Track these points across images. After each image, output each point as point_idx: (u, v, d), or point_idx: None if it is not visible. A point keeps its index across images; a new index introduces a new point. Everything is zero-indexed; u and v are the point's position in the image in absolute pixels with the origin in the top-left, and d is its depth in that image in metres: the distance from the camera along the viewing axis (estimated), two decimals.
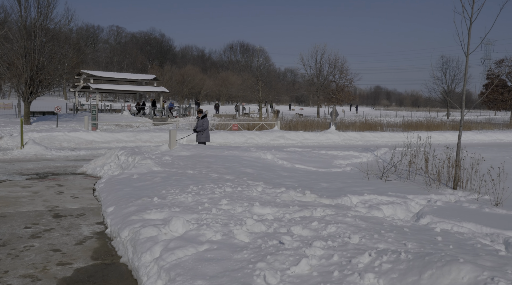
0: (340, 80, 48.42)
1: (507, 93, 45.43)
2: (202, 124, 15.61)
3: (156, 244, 5.12)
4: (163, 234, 5.45)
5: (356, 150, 16.28)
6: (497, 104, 46.28)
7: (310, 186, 9.48)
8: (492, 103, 46.68)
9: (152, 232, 5.47)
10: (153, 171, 10.29)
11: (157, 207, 6.76)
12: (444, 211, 7.65)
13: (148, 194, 7.79)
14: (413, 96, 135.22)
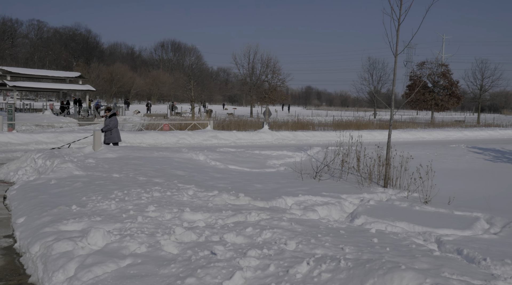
0: (273, 80, 48.77)
1: (428, 93, 48.03)
2: (108, 123, 14.41)
3: (70, 261, 4.50)
4: (79, 248, 4.83)
5: (290, 150, 16.21)
6: (419, 104, 48.78)
7: (244, 188, 9.14)
8: (415, 103, 49.13)
9: (67, 247, 4.83)
10: (74, 176, 9.45)
11: (75, 216, 6.08)
12: (377, 211, 7.62)
13: (66, 202, 7.04)
14: (342, 96, 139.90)
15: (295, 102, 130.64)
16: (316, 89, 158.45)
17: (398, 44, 10.65)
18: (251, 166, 12.90)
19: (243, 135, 24.10)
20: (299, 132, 26.91)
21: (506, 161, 17.12)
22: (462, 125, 43.28)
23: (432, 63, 49.02)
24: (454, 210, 7.92)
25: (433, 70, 48.39)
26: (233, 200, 7.48)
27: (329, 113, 66.97)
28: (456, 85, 47.57)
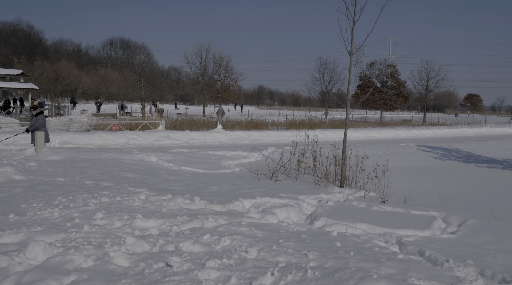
0: (225, 79, 48.34)
1: (377, 93, 49.27)
2: (34, 122, 13.42)
3: (4, 280, 3.98)
4: (16, 263, 4.30)
5: (245, 150, 15.93)
6: (369, 104, 49.96)
7: (199, 191, 8.76)
8: (365, 103, 50.27)
9: (1, 262, 4.29)
10: (13, 180, 8.71)
11: (12, 226, 5.49)
12: (336, 212, 7.47)
13: (2, 210, 6.39)
14: (294, 96, 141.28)
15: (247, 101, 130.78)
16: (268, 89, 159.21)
17: (353, 43, 10.62)
18: (205, 167, 12.51)
19: (196, 135, 23.58)
20: (253, 132, 26.70)
21: (454, 159, 17.67)
22: (409, 124, 44.65)
23: (381, 63, 50.38)
24: (411, 209, 7.92)
25: (382, 71, 49.70)
26: (188, 204, 7.09)
27: (282, 112, 67.35)
28: (403, 85, 49.09)
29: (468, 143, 24.12)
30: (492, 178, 13.06)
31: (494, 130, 40.21)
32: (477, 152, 20.21)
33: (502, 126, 44.08)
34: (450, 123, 48.01)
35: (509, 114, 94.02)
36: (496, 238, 6.03)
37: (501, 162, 17.17)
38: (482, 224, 6.87)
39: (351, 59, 10.78)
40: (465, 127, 40.28)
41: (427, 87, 53.48)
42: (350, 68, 10.85)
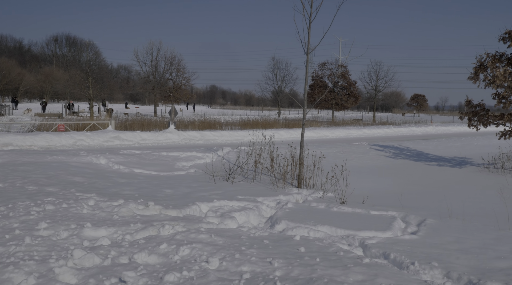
0: (177, 78, 47.45)
1: (329, 93, 50.00)
2: None
3: None
4: None
5: (199, 151, 15.52)
6: (321, 103, 50.60)
7: (153, 195, 8.32)
8: (318, 102, 50.91)
9: None
10: None
11: None
12: (296, 214, 7.28)
13: None
14: (246, 95, 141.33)
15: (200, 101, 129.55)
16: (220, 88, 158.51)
17: (309, 42, 10.50)
18: (158, 169, 12.02)
19: (147, 135, 22.85)
20: (207, 132, 26.25)
21: (405, 157, 18.06)
22: (360, 123, 45.61)
23: (332, 64, 51.17)
24: (370, 209, 7.85)
25: (333, 71, 50.50)
26: (142, 210, 6.66)
27: (235, 112, 67.11)
28: (354, 86, 50.11)
29: (417, 142, 24.83)
30: (443, 176, 13.39)
31: (440, 129, 41.80)
32: (426, 150, 20.81)
33: (447, 125, 45.94)
34: (398, 122, 49.50)
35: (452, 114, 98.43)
36: (456, 238, 6.02)
37: (449, 160, 17.73)
38: (441, 224, 6.88)
39: (308, 59, 10.65)
40: (413, 126, 41.62)
41: (377, 87, 54.89)
42: (307, 67, 10.72)
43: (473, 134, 33.95)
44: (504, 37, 14.81)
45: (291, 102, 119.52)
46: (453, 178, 13.03)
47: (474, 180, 12.71)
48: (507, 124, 15.10)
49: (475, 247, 5.57)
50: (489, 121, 15.42)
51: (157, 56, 50.47)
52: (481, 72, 14.96)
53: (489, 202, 9.26)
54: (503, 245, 5.70)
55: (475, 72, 15.11)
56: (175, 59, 48.38)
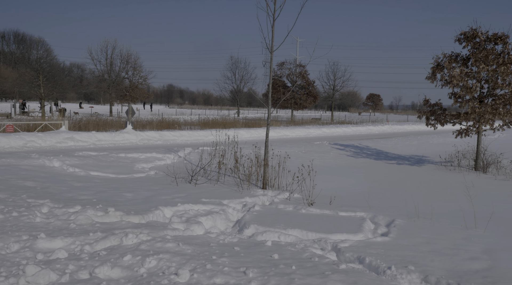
0: (134, 77, 46.21)
1: (288, 93, 50.19)
2: None
3: None
4: None
5: (159, 152, 15.00)
6: (280, 103, 50.72)
7: (112, 199, 7.86)
8: (276, 102, 50.96)
9: None
10: None
11: None
12: (264, 217, 7.03)
13: None
14: (204, 95, 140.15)
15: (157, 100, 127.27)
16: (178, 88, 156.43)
17: (273, 40, 10.29)
18: (117, 172, 11.48)
19: (104, 136, 22.00)
20: (166, 132, 25.61)
21: (365, 156, 18.22)
22: (319, 122, 46.04)
23: (291, 63, 51.37)
24: (338, 211, 7.72)
25: (292, 70, 50.72)
26: (101, 216, 6.21)
27: (194, 111, 66.30)
28: (312, 85, 50.51)
29: (376, 140, 25.22)
30: (404, 175, 13.52)
31: (396, 128, 42.84)
32: (385, 149, 21.13)
33: (402, 124, 47.16)
34: (356, 121, 50.35)
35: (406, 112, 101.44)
36: (426, 239, 5.96)
37: (408, 158, 18.03)
38: (410, 224, 6.83)
39: (272, 57, 10.43)
40: (370, 125, 42.42)
41: (334, 87, 55.63)
42: (271, 65, 10.51)
43: (428, 133, 34.96)
44: (460, 38, 15.15)
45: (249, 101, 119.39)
46: (414, 176, 13.19)
47: (434, 178, 12.91)
48: (463, 123, 15.48)
49: (447, 248, 5.51)
50: (446, 120, 15.75)
51: (113, 54, 49.09)
52: (438, 72, 15.25)
53: (453, 200, 9.37)
54: (473, 245, 5.68)
55: (433, 72, 15.39)
56: (131, 57, 47.16)
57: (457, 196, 9.80)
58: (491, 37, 14.53)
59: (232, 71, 62.05)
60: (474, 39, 14.66)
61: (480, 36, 14.49)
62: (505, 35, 14.40)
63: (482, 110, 14.22)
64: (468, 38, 14.83)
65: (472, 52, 14.65)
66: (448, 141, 26.92)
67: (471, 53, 14.67)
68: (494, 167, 14.48)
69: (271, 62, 10.52)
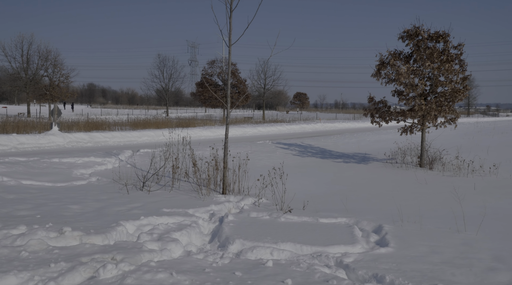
0: (55, 75, 42.95)
1: (220, 91, 49.39)
2: None
3: None
4: None
5: (98, 155, 13.60)
6: (211, 102, 49.73)
7: (58, 214, 6.67)
8: (207, 100, 49.91)
9: None
10: None
11: None
12: (244, 229, 6.25)
13: None
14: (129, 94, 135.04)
15: (77, 100, 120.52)
16: (100, 87, 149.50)
17: (231, 33, 9.50)
18: (53, 180, 10.10)
19: (26, 138, 19.87)
20: (96, 133, 23.75)
21: (311, 155, 17.96)
22: (252, 121, 45.78)
23: (221, 61, 50.52)
24: (318, 217, 7.12)
25: (223, 69, 49.90)
26: (56, 239, 5.09)
27: (120, 111, 63.39)
28: (244, 84, 50.08)
29: (317, 139, 25.21)
30: (355, 173, 13.24)
31: (327, 126, 43.59)
32: (328, 147, 21.07)
33: (333, 122, 48.14)
34: (288, 120, 50.72)
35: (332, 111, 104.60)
36: (429, 247, 5.51)
37: (352, 156, 18.01)
38: (400, 230, 6.39)
39: (230, 51, 9.64)
40: (303, 124, 42.80)
41: (265, 86, 55.67)
42: (229, 61, 9.71)
43: (362, 130, 35.86)
44: (403, 35, 15.28)
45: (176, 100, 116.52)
46: (366, 175, 12.98)
47: (385, 176, 12.77)
48: (407, 120, 15.65)
49: (457, 258, 5.09)
50: (391, 118, 15.84)
51: (29, 51, 45.33)
52: (382, 69, 15.28)
53: (419, 200, 9.15)
54: (479, 252, 5.32)
55: (378, 69, 15.40)
56: (51, 53, 43.80)
57: (420, 195, 9.64)
58: (433, 35, 14.78)
59: (160, 69, 60.10)
60: (417, 37, 14.83)
61: (422, 34, 14.68)
62: (446, 34, 14.70)
63: (428, 107, 14.41)
64: (411, 36, 14.98)
65: (415, 50, 14.83)
66: (383, 138, 27.63)
67: (415, 51, 14.84)
68: (439, 163, 14.75)
69: (229, 57, 9.72)
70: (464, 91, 14.69)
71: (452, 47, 14.75)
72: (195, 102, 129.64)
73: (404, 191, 10.32)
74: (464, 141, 23.55)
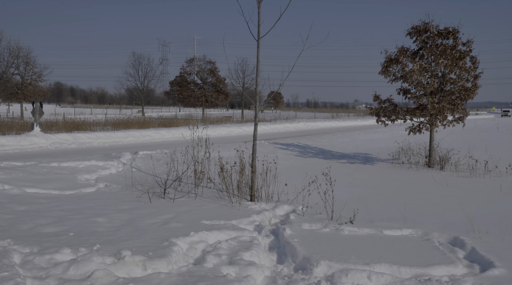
0: (27, 73, 40.87)
1: (198, 90, 48.28)
2: None
3: None
4: None
5: (99, 159, 12.52)
6: (190, 101, 48.53)
7: (91, 230, 5.76)
8: (186, 99, 48.68)
9: None
10: None
11: None
12: (315, 246, 5.44)
13: None
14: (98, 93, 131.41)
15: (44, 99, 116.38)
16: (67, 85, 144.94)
17: (260, 24, 8.71)
18: (59, 187, 9.07)
19: (7, 140, 18.45)
20: (79, 134, 22.39)
21: (312, 155, 17.32)
22: (233, 120, 44.91)
23: (200, 60, 49.43)
24: (382, 229, 6.38)
25: (201, 67, 48.82)
26: (116, 265, 4.20)
27: (93, 111, 61.28)
28: (223, 82, 49.10)
29: (310, 138, 24.63)
30: (368, 175, 12.58)
31: (310, 125, 43.13)
32: (326, 147, 20.50)
33: (315, 121, 47.72)
34: (270, 119, 50.08)
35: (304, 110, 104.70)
36: None
37: (354, 156, 17.46)
38: (487, 244, 5.69)
39: (259, 44, 8.85)
40: (286, 123, 42.22)
41: (244, 84, 54.85)
42: (258, 53, 8.90)
43: (350, 129, 35.59)
44: (411, 32, 14.83)
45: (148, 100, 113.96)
46: (379, 176, 12.29)
47: (399, 177, 12.08)
48: (414, 119, 15.23)
49: None
50: (398, 117, 15.38)
51: None
52: (390, 67, 14.80)
53: (456, 204, 8.59)
54: None
55: (386, 66, 14.91)
56: (22, 51, 41.68)
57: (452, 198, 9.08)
58: (443, 31, 14.37)
59: (135, 67, 58.32)
60: (426, 33, 14.41)
61: (431, 30, 14.27)
62: (456, 30, 14.32)
63: (441, 105, 13.99)
64: (419, 32, 14.55)
65: (422, 46, 14.43)
66: (374, 137, 27.33)
67: (423, 47, 14.43)
68: (449, 163, 14.34)
69: (258, 51, 8.92)
70: (475, 90, 14.36)
71: (461, 44, 14.37)
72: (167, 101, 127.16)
73: (430, 194, 9.70)
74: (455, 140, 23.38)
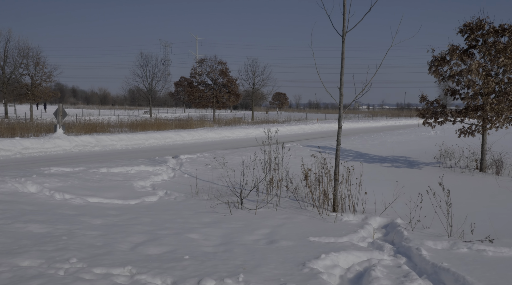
0: (37, 74, 39.95)
1: (209, 91, 47.41)
2: None
3: None
4: None
5: (146, 164, 11.70)
6: (201, 102, 47.67)
7: (196, 251, 4.99)
8: (197, 100, 47.81)
9: None
10: None
11: None
12: (481, 273, 4.70)
13: None
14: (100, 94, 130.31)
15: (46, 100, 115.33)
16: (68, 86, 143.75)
17: (346, 19, 7.94)
18: (120, 196, 8.27)
19: (31, 143, 17.60)
20: (102, 136, 21.53)
21: (351, 159, 16.53)
22: (245, 122, 44.10)
23: (211, 60, 48.57)
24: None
25: (212, 68, 47.98)
26: None
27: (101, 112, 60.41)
28: (234, 83, 48.25)
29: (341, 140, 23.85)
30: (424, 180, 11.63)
31: (325, 126, 42.38)
32: (361, 150, 19.76)
33: (329, 122, 46.99)
34: (283, 120, 49.33)
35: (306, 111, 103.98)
36: None
37: (394, 160, 16.69)
38: None
39: (344, 40, 8.08)
40: (301, 124, 41.47)
41: (254, 85, 54.07)
42: (343, 50, 8.13)
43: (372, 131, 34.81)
44: (462, 29, 14.08)
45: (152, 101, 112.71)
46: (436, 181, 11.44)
47: (458, 183, 11.26)
48: (465, 120, 14.50)
49: None
50: (446, 118, 14.65)
51: (6, 47, 42.13)
52: (442, 65, 14.07)
53: None
54: None
55: (436, 65, 14.17)
56: (31, 51, 40.76)
57: None
58: (498, 28, 13.63)
59: (143, 68, 57.45)
60: (479, 30, 13.67)
61: (486, 28, 13.54)
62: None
63: (500, 107, 13.24)
64: (472, 29, 13.80)
65: (474, 44, 13.70)
66: (401, 139, 26.59)
67: (475, 45, 13.70)
68: (505, 168, 13.57)
69: (343, 47, 8.14)
70: None
71: None
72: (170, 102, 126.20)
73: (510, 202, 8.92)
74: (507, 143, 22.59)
